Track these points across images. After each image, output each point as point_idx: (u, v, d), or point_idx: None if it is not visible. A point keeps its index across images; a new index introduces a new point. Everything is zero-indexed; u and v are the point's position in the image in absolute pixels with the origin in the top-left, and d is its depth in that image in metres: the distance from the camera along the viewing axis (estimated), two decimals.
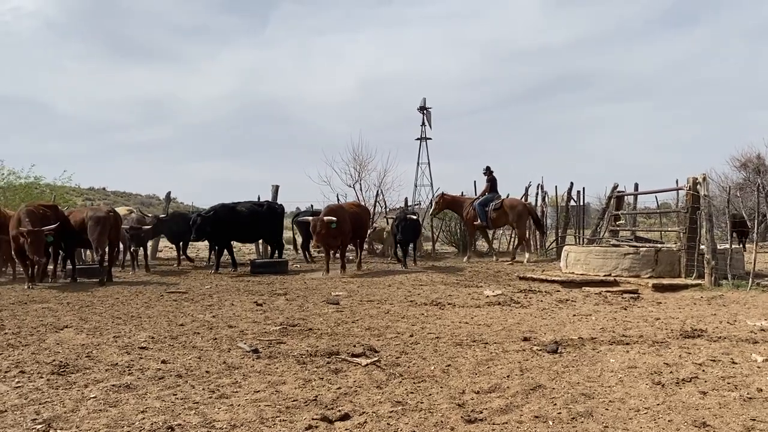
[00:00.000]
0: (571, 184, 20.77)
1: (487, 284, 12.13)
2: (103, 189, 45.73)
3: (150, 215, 18.35)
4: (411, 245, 17.28)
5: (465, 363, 5.71)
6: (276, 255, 16.99)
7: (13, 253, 12.43)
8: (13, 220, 12.27)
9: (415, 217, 16.61)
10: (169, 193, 21.20)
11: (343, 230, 14.17)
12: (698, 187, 11.80)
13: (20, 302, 9.77)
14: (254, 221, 15.98)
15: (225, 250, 15.87)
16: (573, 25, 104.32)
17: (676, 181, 16.15)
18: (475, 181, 23.89)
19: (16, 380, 5.09)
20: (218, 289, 11.58)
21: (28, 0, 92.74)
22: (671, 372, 5.36)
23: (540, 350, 6.21)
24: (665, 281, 11.28)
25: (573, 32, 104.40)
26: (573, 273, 12.55)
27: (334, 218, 13.60)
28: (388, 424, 4.06)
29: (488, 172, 18.69)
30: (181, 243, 17.62)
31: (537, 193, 21.96)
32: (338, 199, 20.77)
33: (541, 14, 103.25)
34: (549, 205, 22.49)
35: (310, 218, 14.19)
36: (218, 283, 12.64)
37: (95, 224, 12.66)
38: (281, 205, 17.37)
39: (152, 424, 4.03)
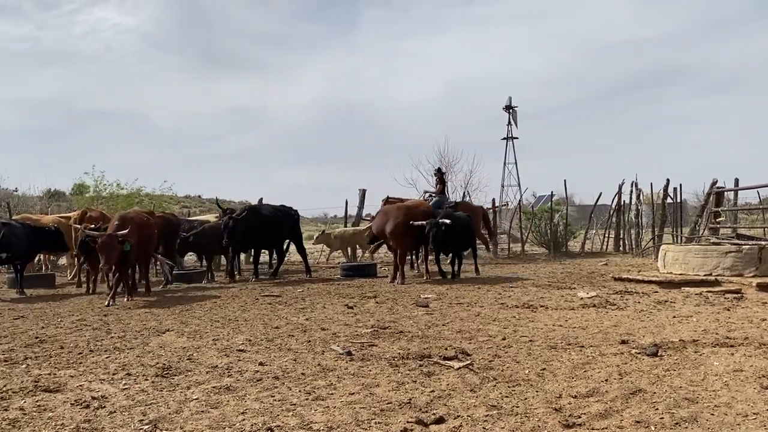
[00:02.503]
0: (668, 180, 20.07)
1: (580, 286, 11.86)
2: (198, 197, 47.41)
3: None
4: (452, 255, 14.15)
5: (560, 366, 5.60)
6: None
7: None
8: (110, 226, 11.51)
9: (448, 221, 12.93)
10: (261, 199, 21.76)
11: (398, 232, 13.05)
12: None
13: (124, 307, 10.24)
14: (276, 226, 15.00)
15: (236, 258, 15.32)
16: (665, 16, 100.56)
17: None
18: (565, 180, 23.52)
19: (123, 382, 5.33)
20: (310, 292, 11.79)
21: (127, 16, 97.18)
22: None
23: (639, 353, 6.02)
24: None
25: (665, 24, 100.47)
26: (671, 273, 12.10)
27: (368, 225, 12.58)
28: (483, 428, 4.02)
29: (439, 173, 18.32)
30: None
31: (631, 191, 21.41)
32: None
33: (631, 7, 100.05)
34: (644, 203, 21.83)
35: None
36: (309, 286, 12.86)
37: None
38: (296, 210, 16.07)
39: (252, 425, 4.14)
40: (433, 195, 17.96)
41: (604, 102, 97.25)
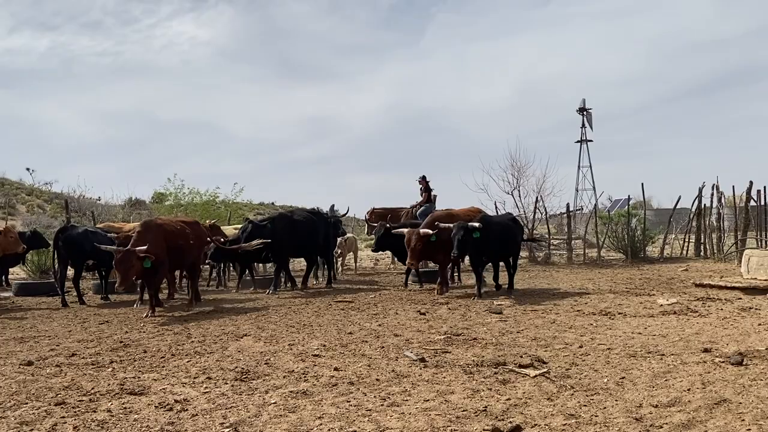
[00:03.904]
0: (751, 183, 19.33)
1: (659, 292, 11.54)
2: (272, 204, 48.24)
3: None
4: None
5: (640, 375, 5.46)
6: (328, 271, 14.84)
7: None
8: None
9: (478, 225, 11.47)
10: (333, 206, 21.98)
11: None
12: None
13: (203, 312, 10.50)
14: (311, 233, 13.79)
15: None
16: (747, 13, 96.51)
17: None
18: (642, 184, 22.92)
19: (204, 386, 5.47)
20: (382, 298, 11.83)
21: (203, 29, 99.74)
22: None
23: (723, 362, 5.82)
24: None
25: (747, 21, 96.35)
26: (755, 279, 11.65)
27: (431, 231, 11.72)
28: None
29: (424, 180, 17.81)
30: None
31: (712, 194, 20.64)
32: (495, 207, 20.57)
33: (713, 3, 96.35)
34: (726, 206, 21.03)
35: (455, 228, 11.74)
36: (381, 292, 12.91)
37: None
38: (332, 215, 15.30)
39: (329, 430, 4.20)
40: (420, 205, 17.71)
41: (683, 102, 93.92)
